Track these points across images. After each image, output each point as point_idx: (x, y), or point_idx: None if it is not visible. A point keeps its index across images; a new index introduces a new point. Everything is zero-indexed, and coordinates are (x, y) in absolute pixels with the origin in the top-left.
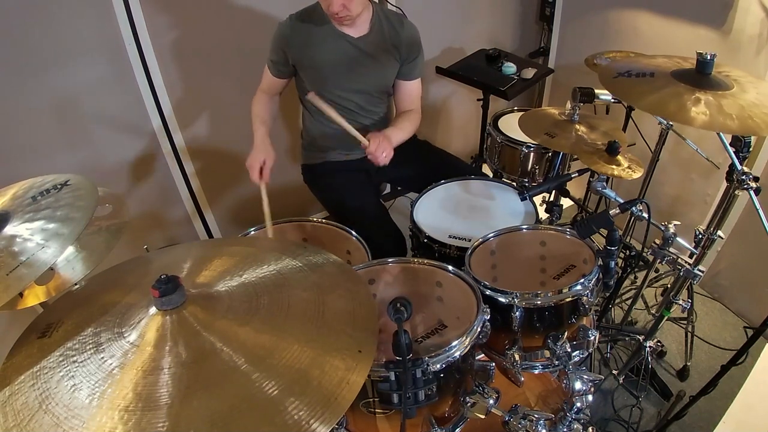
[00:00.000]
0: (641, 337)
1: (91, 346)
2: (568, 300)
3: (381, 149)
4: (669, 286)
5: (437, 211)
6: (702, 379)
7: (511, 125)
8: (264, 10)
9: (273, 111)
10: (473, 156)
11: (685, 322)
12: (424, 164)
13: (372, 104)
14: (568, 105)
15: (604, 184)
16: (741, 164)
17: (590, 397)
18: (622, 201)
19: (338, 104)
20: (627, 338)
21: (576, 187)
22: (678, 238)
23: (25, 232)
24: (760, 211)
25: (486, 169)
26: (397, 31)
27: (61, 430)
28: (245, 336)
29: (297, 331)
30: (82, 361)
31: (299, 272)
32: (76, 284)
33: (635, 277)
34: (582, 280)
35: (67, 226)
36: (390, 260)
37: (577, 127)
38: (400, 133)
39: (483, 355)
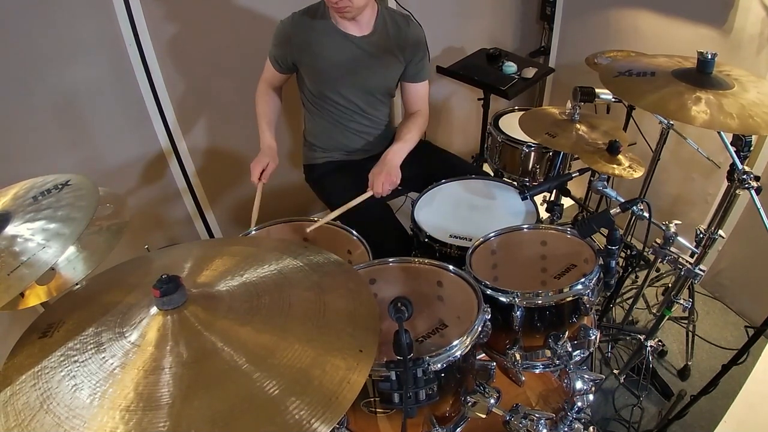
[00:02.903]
0: (642, 337)
1: (92, 345)
2: (568, 299)
3: (384, 187)
4: (670, 285)
5: (438, 210)
6: (703, 379)
7: (511, 125)
8: (265, 9)
9: (277, 107)
10: (474, 155)
11: (686, 321)
12: (426, 164)
13: (373, 106)
14: (569, 104)
15: (605, 183)
16: (742, 163)
17: (591, 397)
18: (622, 200)
19: (339, 105)
20: (628, 338)
21: (577, 186)
22: (679, 238)
23: (26, 232)
24: (761, 211)
25: (486, 168)
26: (403, 32)
27: (63, 430)
28: (246, 336)
29: (298, 331)
30: (83, 361)
31: (300, 272)
32: (77, 284)
33: (636, 277)
34: (583, 280)
35: (68, 226)
36: (391, 260)
37: (578, 126)
38: (405, 146)
39: (484, 354)
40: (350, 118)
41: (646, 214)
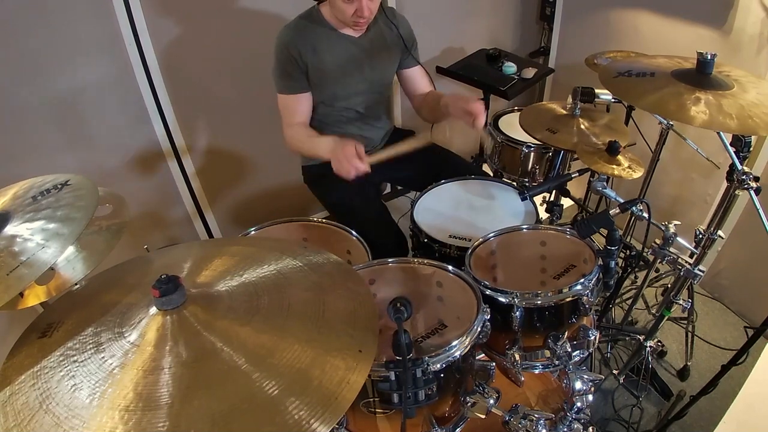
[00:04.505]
0: (642, 337)
1: (91, 345)
2: (568, 300)
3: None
4: (669, 285)
5: (437, 211)
6: (702, 379)
7: (511, 125)
8: (264, 9)
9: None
10: (473, 156)
11: (686, 321)
12: (425, 163)
13: (376, 103)
14: (569, 98)
15: (605, 183)
16: (741, 164)
17: (590, 397)
18: (622, 201)
19: (341, 105)
20: (627, 338)
21: (576, 186)
22: (678, 238)
23: (26, 232)
24: (761, 211)
25: (486, 168)
26: (393, 25)
27: (62, 430)
28: (246, 336)
29: (297, 331)
30: (82, 361)
31: (299, 272)
32: (76, 284)
33: (635, 277)
34: (582, 280)
35: (67, 226)
36: (390, 260)
37: (579, 121)
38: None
39: (483, 354)
40: (352, 117)
41: (646, 215)
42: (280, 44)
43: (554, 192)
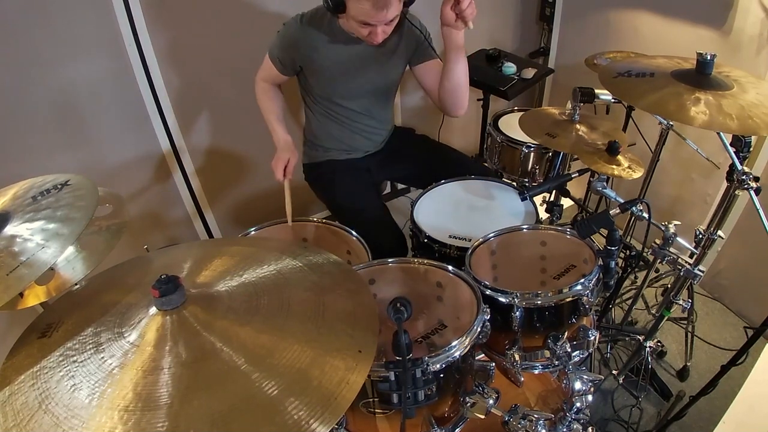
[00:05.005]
0: (641, 337)
1: (91, 346)
2: (568, 300)
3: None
4: (669, 286)
5: (437, 211)
6: (702, 380)
7: (511, 125)
8: (264, 8)
9: (282, 102)
10: (473, 156)
11: (686, 322)
12: (426, 161)
13: (380, 105)
14: (569, 104)
15: (605, 183)
16: (741, 164)
17: (590, 397)
18: (622, 201)
19: (347, 107)
20: (627, 338)
21: (576, 187)
22: (678, 238)
23: (26, 232)
24: (761, 211)
25: None
26: (405, 25)
27: (61, 430)
28: (245, 336)
29: (297, 331)
30: (82, 361)
31: (299, 272)
32: (76, 284)
33: (635, 277)
34: (582, 280)
35: (67, 226)
36: (390, 260)
37: (578, 126)
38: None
39: (483, 355)
40: (357, 119)
41: (646, 215)
42: (284, 34)
43: (554, 192)
